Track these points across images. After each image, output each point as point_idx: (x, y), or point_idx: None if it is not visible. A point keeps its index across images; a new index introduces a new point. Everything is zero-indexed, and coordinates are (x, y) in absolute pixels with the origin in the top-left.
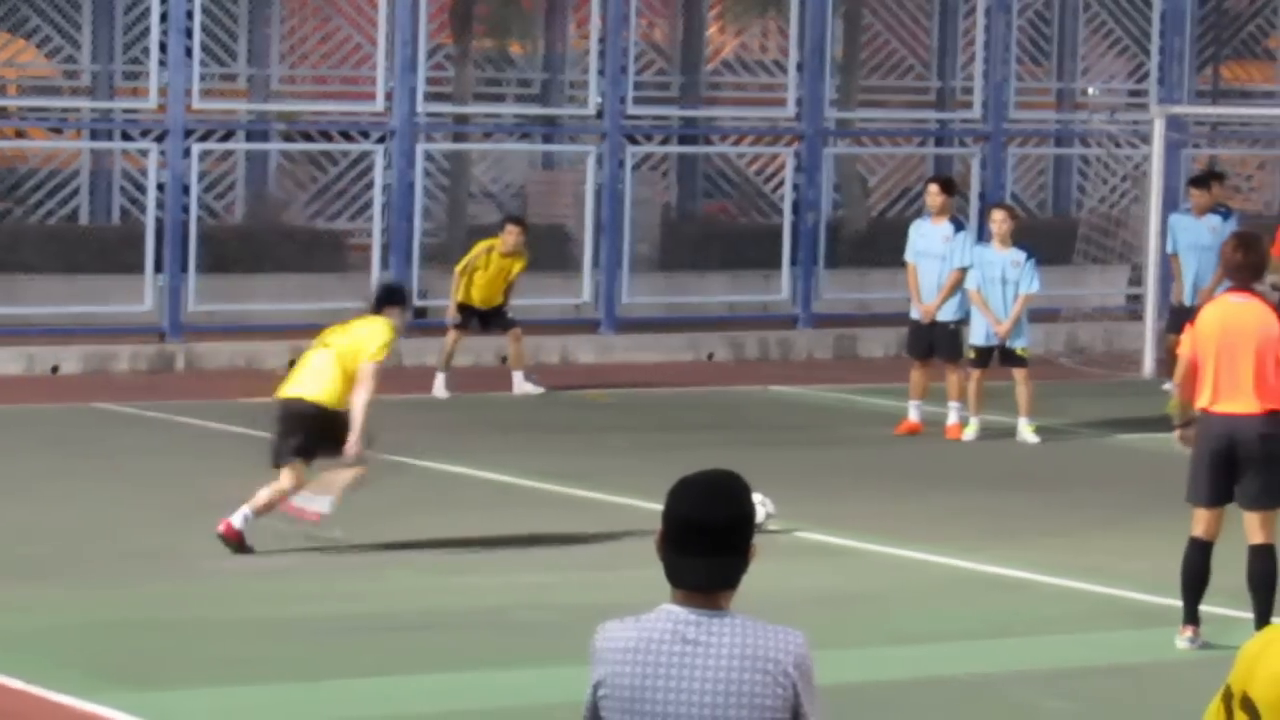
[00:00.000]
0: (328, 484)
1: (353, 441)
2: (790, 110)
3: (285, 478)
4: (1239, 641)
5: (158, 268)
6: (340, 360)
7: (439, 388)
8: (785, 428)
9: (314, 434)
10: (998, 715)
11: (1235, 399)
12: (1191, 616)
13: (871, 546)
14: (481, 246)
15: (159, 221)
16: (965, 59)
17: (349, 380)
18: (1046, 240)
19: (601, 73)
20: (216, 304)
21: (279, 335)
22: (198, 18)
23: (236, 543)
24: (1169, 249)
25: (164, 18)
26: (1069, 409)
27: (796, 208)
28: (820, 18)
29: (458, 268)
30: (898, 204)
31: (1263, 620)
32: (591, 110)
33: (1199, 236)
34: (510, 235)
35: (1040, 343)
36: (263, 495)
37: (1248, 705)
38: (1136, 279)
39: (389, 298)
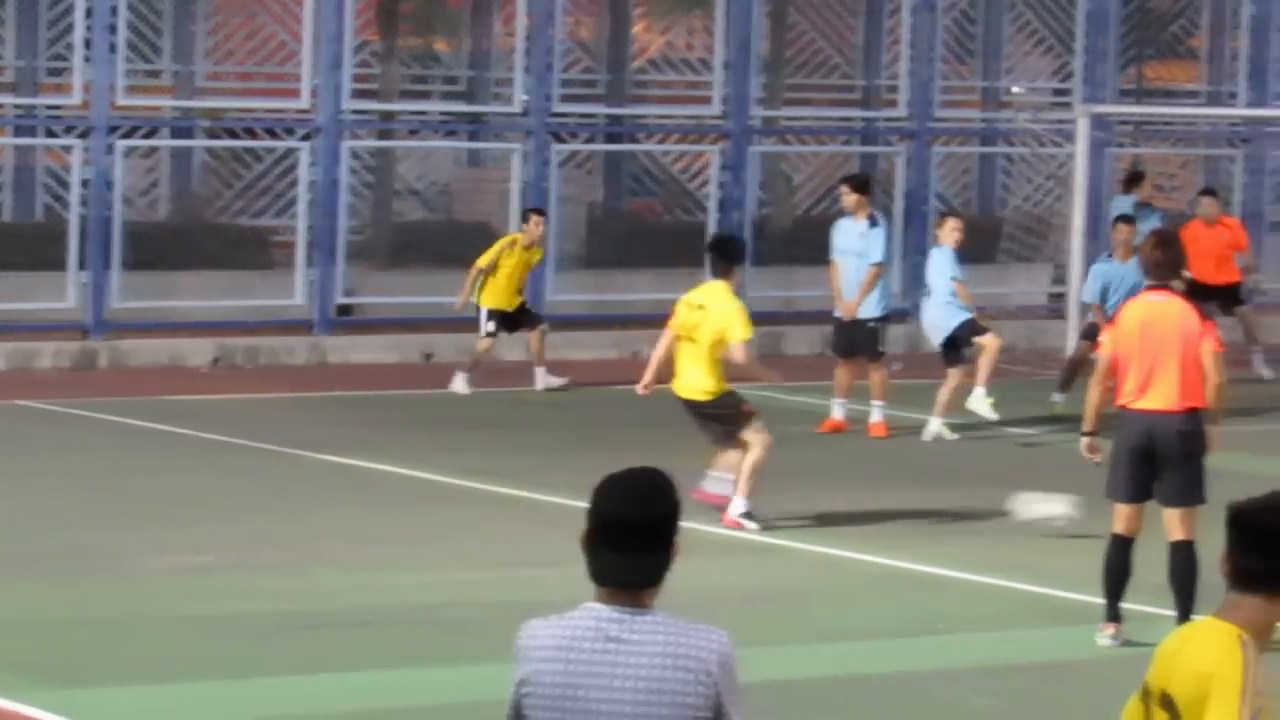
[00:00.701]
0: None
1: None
2: (716, 108)
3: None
4: (1160, 639)
5: (82, 265)
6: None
7: (460, 384)
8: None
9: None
10: (923, 713)
11: (1155, 396)
12: (1113, 614)
13: (797, 544)
14: (503, 242)
15: (83, 218)
16: (891, 57)
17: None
18: (971, 238)
19: (527, 70)
20: (140, 301)
21: (203, 332)
22: (123, 14)
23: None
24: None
25: (89, 14)
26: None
27: (722, 206)
28: (746, 16)
29: (479, 264)
30: (823, 202)
31: (1183, 617)
32: (517, 108)
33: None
34: (535, 226)
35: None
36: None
37: (1166, 702)
38: (1060, 278)
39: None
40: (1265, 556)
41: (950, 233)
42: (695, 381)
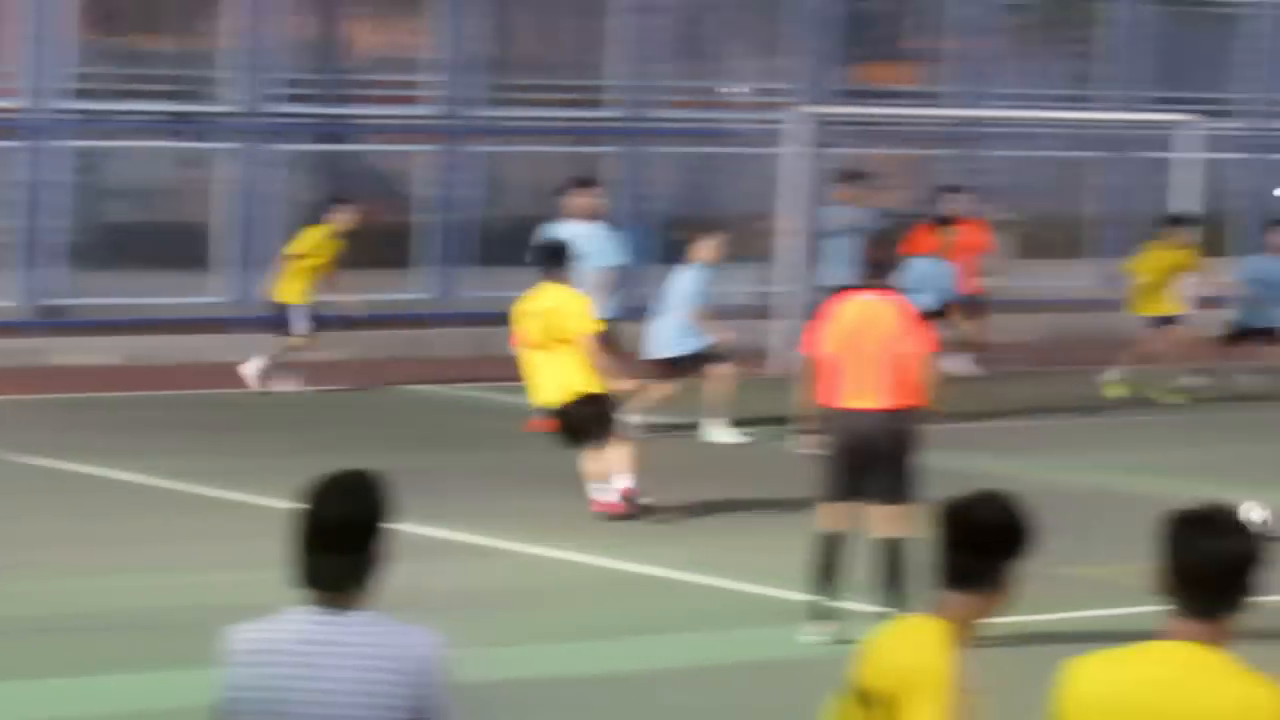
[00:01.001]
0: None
1: None
2: (436, 108)
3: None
4: (869, 636)
5: None
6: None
7: (284, 383)
8: (424, 426)
9: None
10: (642, 713)
11: (867, 395)
12: (824, 611)
13: (515, 546)
14: (316, 232)
15: None
16: (612, 58)
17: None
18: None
19: (244, 70)
20: None
21: None
22: None
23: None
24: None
25: None
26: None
27: (440, 206)
28: (467, 15)
29: (299, 251)
30: (544, 203)
31: (891, 614)
32: (233, 108)
33: (836, 231)
34: (341, 217)
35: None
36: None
37: (873, 699)
38: (769, 277)
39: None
40: (973, 554)
41: (706, 249)
42: (569, 383)
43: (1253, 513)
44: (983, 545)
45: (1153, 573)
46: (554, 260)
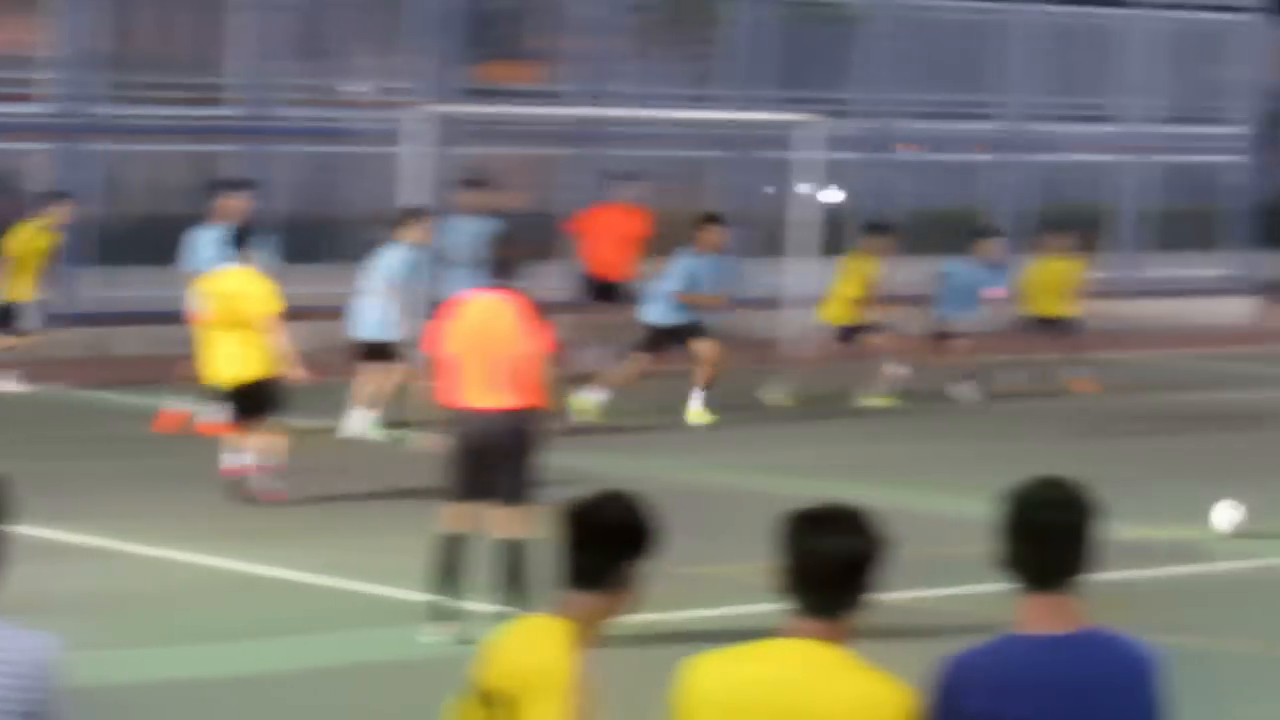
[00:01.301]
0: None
1: None
2: (53, 106)
3: None
4: (492, 636)
5: None
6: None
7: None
8: (44, 428)
9: None
10: (267, 715)
11: (489, 395)
12: (446, 612)
13: (133, 547)
14: (32, 226)
15: None
16: (232, 55)
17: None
18: (312, 238)
19: None
20: None
21: None
22: None
23: None
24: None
25: None
26: (329, 409)
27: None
28: (86, 11)
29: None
30: (168, 202)
31: (513, 615)
32: None
33: (461, 238)
34: (57, 211)
35: (303, 340)
36: None
37: (495, 698)
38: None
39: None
40: (597, 554)
41: (415, 231)
42: (246, 362)
43: (1225, 517)
44: (606, 545)
45: (773, 571)
46: (239, 243)
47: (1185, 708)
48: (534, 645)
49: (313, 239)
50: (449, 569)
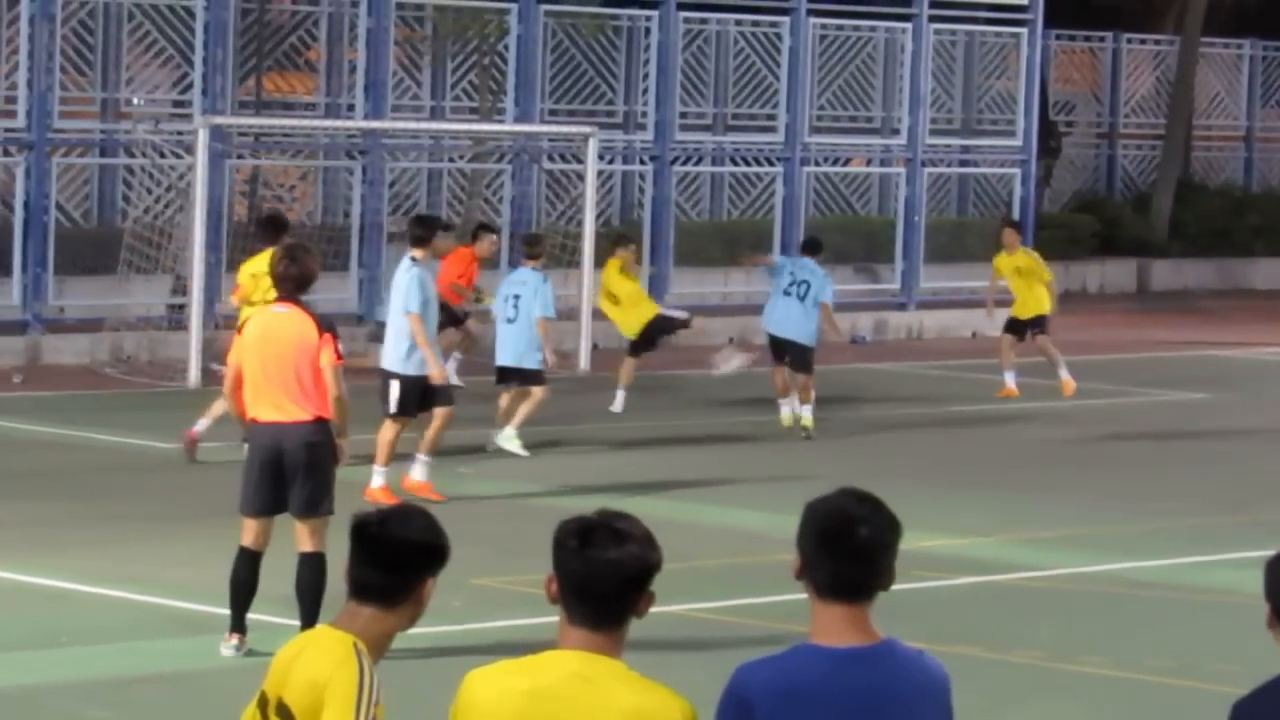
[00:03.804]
0: None
1: None
2: None
3: None
4: (279, 649)
5: None
6: None
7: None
8: None
9: None
10: None
11: (281, 408)
12: (238, 624)
13: None
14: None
15: None
16: (9, 68)
17: None
18: (90, 250)
19: None
20: None
21: None
22: None
23: None
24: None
25: None
26: (115, 419)
27: None
28: None
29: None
30: None
31: (307, 627)
32: None
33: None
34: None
35: (85, 352)
36: None
37: (282, 711)
38: (180, 289)
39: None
40: (382, 569)
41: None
42: None
43: (730, 362)
44: (395, 559)
45: (548, 582)
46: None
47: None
48: (322, 657)
49: (91, 251)
50: (245, 583)
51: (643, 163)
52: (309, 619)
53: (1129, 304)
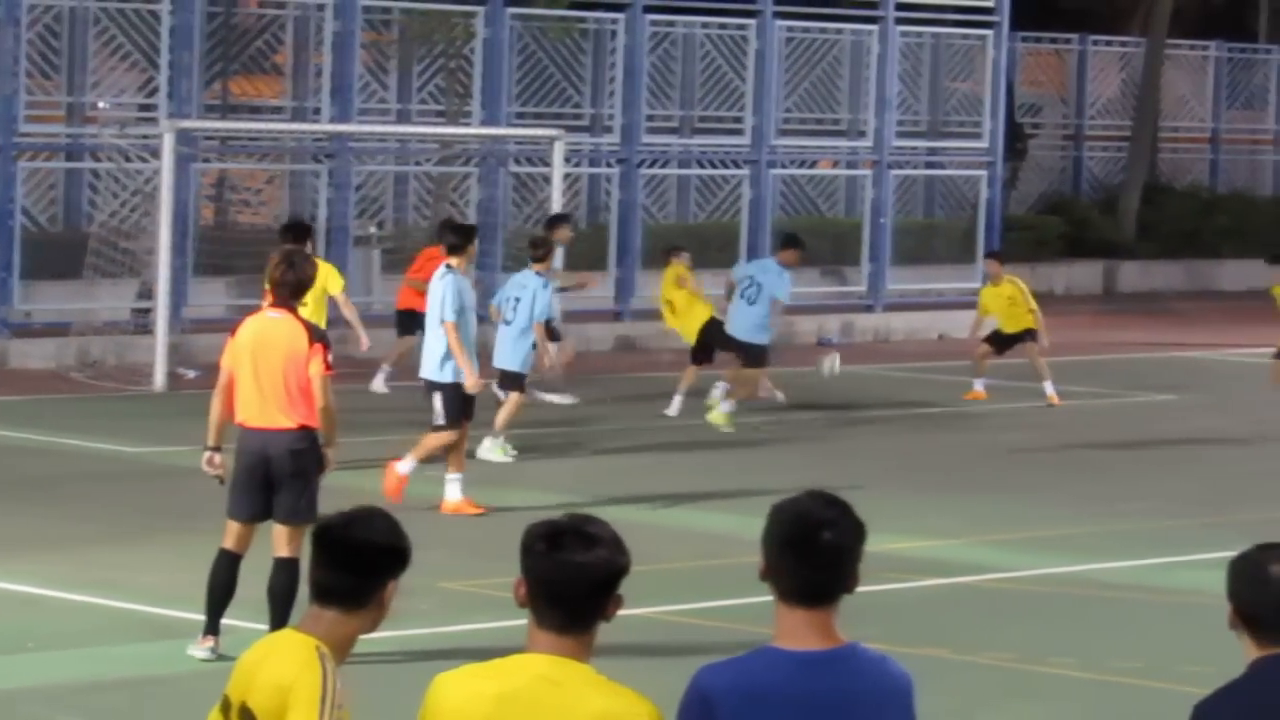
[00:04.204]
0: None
1: None
2: None
3: None
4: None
5: None
6: None
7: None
8: None
9: None
10: None
11: (269, 414)
12: (212, 626)
13: None
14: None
15: None
16: None
17: None
18: (57, 254)
19: None
20: None
21: None
22: None
23: None
24: None
25: None
26: (82, 424)
27: None
28: None
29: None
30: None
31: (276, 630)
32: None
33: None
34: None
35: (52, 356)
36: None
37: (246, 714)
38: (146, 293)
39: None
40: (344, 572)
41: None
42: None
43: (829, 363)
44: (356, 562)
45: (516, 585)
46: None
47: None
48: (285, 661)
49: (57, 255)
50: (224, 586)
51: (609, 165)
52: (278, 622)
53: (1096, 305)
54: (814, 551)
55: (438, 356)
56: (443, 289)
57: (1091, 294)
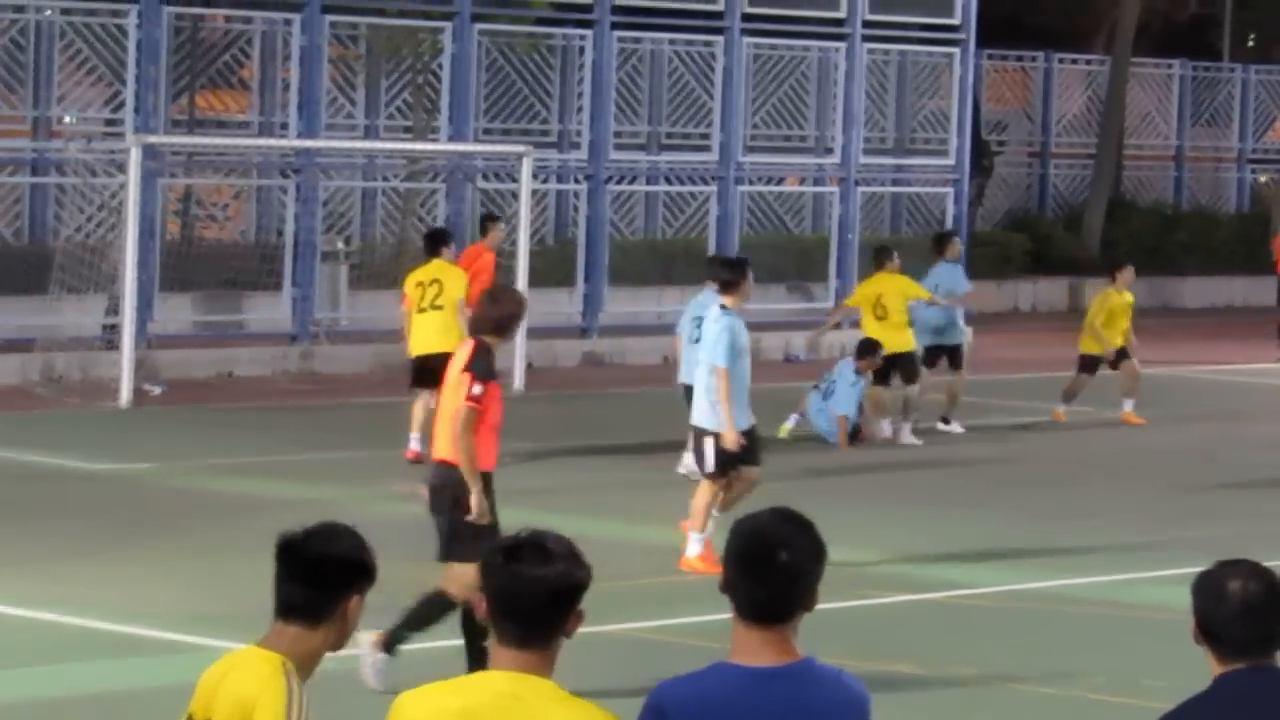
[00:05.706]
0: None
1: None
2: None
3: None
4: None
5: None
6: None
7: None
8: None
9: None
10: None
11: (435, 442)
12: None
13: None
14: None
15: None
16: None
17: None
18: (21, 269)
19: None
20: None
21: None
22: None
23: None
24: None
25: None
26: (46, 440)
27: None
28: None
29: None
30: None
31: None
32: None
33: None
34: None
35: (17, 371)
36: None
37: None
38: (114, 308)
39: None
40: (306, 585)
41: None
42: None
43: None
44: (318, 576)
45: (476, 602)
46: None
47: None
48: (248, 677)
49: (22, 270)
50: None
51: (577, 181)
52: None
53: (1061, 322)
54: (769, 571)
55: (709, 402)
56: (718, 331)
57: (1056, 310)
